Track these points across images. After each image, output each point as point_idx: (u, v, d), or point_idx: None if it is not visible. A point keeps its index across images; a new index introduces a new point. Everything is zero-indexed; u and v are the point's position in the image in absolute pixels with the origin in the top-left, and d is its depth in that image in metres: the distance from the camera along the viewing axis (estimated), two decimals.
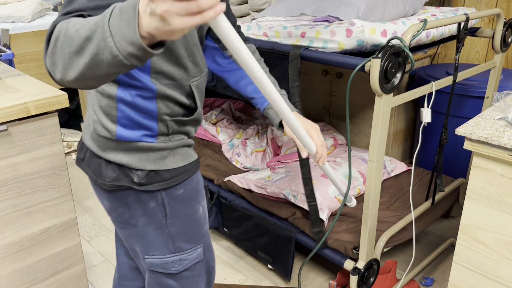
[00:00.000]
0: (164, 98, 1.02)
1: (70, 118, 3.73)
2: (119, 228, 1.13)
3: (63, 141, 3.38)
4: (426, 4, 2.57)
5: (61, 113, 3.62)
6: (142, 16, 0.63)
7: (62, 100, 1.38)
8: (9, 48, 3.01)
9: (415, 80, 2.45)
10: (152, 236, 1.09)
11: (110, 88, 1.00)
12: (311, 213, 1.71)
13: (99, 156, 1.04)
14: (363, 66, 1.36)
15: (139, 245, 1.12)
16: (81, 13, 0.78)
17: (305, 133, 1.09)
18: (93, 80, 0.73)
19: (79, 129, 3.57)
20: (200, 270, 1.16)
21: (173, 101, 1.03)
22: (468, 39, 2.64)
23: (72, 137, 3.45)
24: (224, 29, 0.66)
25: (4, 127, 1.29)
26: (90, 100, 1.04)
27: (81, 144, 1.11)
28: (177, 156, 1.06)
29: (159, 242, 1.10)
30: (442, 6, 2.58)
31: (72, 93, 3.50)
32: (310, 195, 1.69)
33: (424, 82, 2.30)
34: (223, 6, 0.60)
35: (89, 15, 0.77)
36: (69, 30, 0.71)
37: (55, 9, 3.69)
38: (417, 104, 2.61)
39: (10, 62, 2.02)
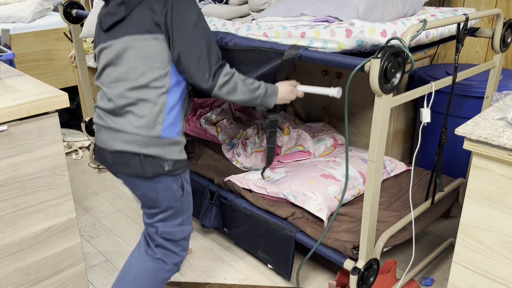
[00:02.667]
0: (186, 100, 1.54)
1: (71, 118, 3.73)
2: (146, 210, 1.59)
3: (64, 141, 3.39)
4: (426, 4, 2.58)
5: (62, 113, 3.63)
6: (278, 99, 1.59)
7: (63, 100, 1.38)
8: (9, 48, 3.02)
9: (415, 80, 2.45)
10: (169, 212, 1.55)
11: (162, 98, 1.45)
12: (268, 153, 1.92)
13: (138, 153, 1.43)
14: (362, 66, 1.36)
15: (158, 218, 1.56)
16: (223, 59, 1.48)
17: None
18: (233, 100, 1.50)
19: (80, 129, 3.57)
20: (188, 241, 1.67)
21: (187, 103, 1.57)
22: (468, 39, 2.64)
23: (73, 137, 3.45)
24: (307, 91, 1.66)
25: (4, 127, 1.29)
26: (140, 111, 1.42)
27: (110, 152, 1.47)
28: (183, 149, 1.51)
29: (173, 216, 1.56)
30: (442, 6, 2.58)
31: (73, 93, 3.51)
32: (269, 159, 1.94)
33: (424, 82, 2.30)
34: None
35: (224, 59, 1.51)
36: (244, 85, 1.48)
37: (55, 9, 3.69)
38: (417, 104, 2.61)
39: (10, 62, 2.02)
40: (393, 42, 1.37)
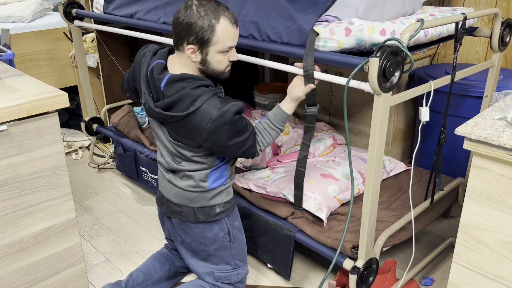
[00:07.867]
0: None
1: (70, 118, 3.73)
2: (195, 255, 1.74)
3: (63, 141, 3.39)
4: (426, 3, 2.58)
5: (61, 113, 3.63)
6: (290, 107, 1.68)
7: (62, 100, 1.38)
8: (9, 48, 3.01)
9: (415, 80, 2.45)
10: (218, 257, 1.70)
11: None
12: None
13: (191, 206, 1.65)
14: (362, 66, 1.36)
15: (209, 263, 1.72)
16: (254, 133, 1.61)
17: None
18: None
19: (79, 129, 3.57)
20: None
21: None
22: (468, 39, 2.64)
23: (72, 137, 3.45)
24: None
25: (4, 127, 1.29)
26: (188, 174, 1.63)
27: (167, 200, 1.71)
28: (231, 189, 1.71)
29: (224, 261, 1.71)
30: (441, 6, 2.59)
31: (72, 93, 3.51)
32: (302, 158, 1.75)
33: (423, 82, 2.29)
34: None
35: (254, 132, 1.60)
36: (265, 140, 1.62)
37: (55, 9, 3.69)
38: (416, 104, 2.61)
39: (10, 62, 2.02)
40: (392, 42, 1.37)
